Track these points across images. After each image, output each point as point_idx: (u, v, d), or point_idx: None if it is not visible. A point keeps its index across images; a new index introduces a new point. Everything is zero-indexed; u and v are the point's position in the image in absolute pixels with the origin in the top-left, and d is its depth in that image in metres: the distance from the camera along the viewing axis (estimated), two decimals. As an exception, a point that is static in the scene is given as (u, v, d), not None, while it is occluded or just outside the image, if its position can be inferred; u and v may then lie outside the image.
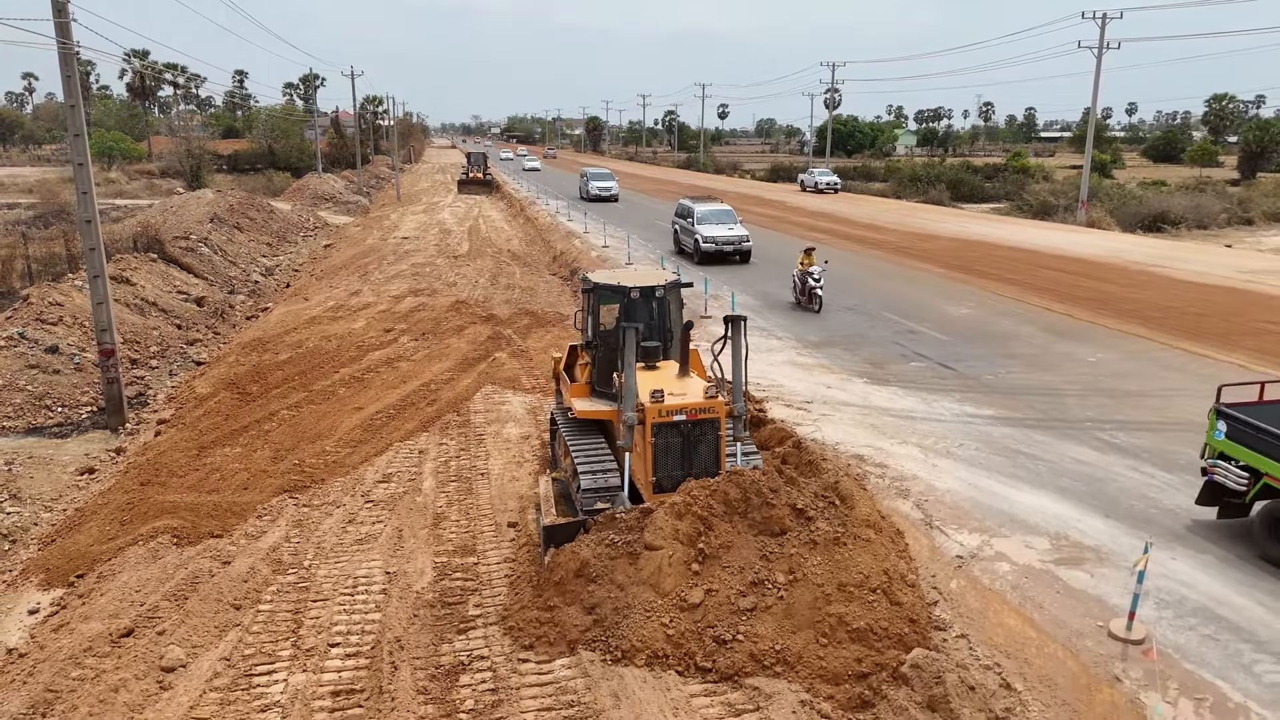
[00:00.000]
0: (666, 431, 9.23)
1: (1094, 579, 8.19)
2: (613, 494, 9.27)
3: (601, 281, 10.83)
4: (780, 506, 8.55)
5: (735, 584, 8.12)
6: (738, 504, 8.62)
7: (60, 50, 14.82)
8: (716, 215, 31.41)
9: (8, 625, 9.54)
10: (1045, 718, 6.58)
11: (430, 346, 19.22)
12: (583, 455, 9.82)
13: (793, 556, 8.24)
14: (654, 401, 9.11)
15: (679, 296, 11.12)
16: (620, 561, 8.40)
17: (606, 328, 10.76)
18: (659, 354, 10.57)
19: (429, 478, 12.42)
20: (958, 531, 9.31)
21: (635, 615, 8.05)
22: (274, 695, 7.68)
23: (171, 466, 12.98)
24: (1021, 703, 6.73)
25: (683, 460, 9.31)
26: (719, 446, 9.43)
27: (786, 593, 7.97)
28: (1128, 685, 6.71)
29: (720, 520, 8.56)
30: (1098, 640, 7.28)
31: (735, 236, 29.80)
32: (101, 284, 15.58)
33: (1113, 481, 10.62)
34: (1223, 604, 7.79)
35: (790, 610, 7.88)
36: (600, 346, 10.66)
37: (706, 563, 8.30)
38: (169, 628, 8.66)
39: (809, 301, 21.14)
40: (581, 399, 10.65)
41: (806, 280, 21.19)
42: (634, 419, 9.05)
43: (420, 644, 8.41)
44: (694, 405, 9.25)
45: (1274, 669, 6.90)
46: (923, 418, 13.09)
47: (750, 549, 8.38)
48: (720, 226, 30.11)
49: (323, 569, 9.86)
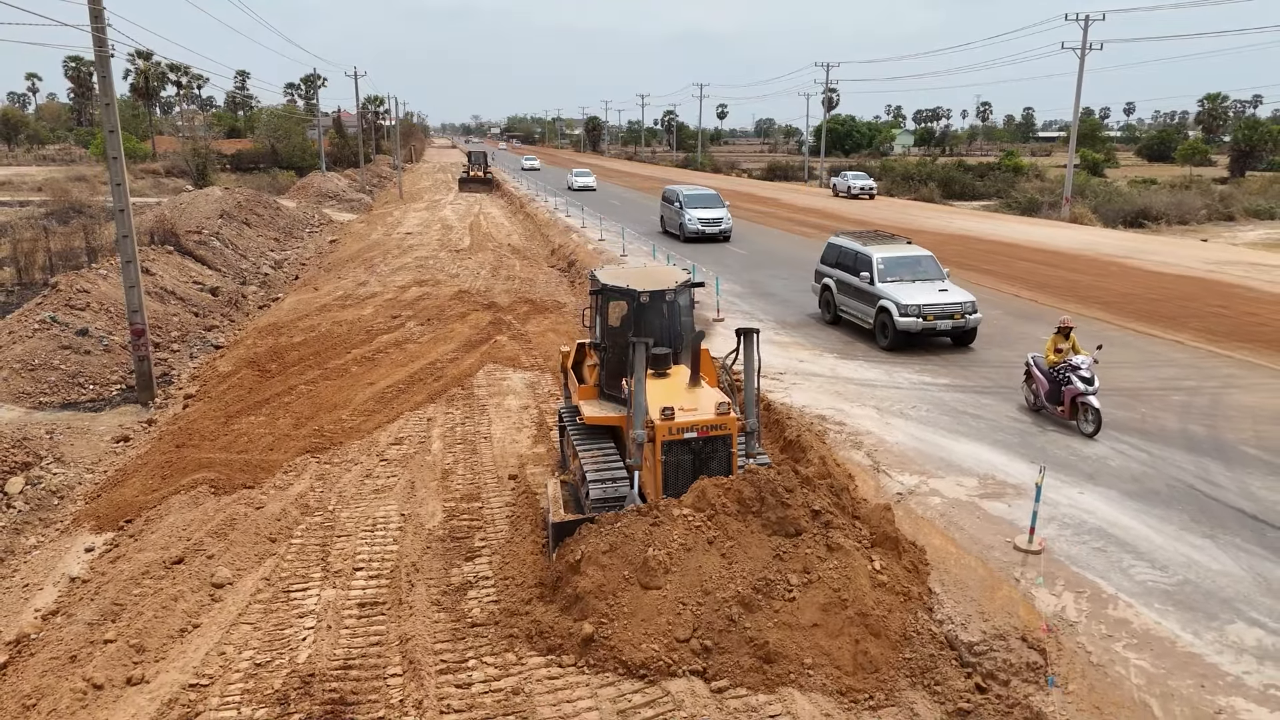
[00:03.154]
0: (677, 449, 8.91)
1: (1010, 508, 9.55)
2: (622, 503, 8.98)
3: (610, 284, 10.34)
4: (797, 507, 8.29)
5: (747, 583, 7.82)
6: (751, 502, 8.37)
7: (97, 54, 16.18)
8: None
9: (68, 561, 10.89)
10: (957, 610, 7.91)
11: (435, 331, 20.52)
12: (592, 461, 9.53)
13: (807, 557, 8.01)
14: (664, 419, 8.78)
15: (690, 298, 10.70)
16: (628, 558, 8.13)
17: (615, 327, 10.36)
18: (669, 361, 10.13)
19: (437, 440, 13.75)
20: (900, 474, 10.67)
21: (640, 617, 7.77)
22: (309, 605, 9.02)
23: (203, 432, 14.32)
24: (939, 601, 8.07)
25: (694, 478, 8.92)
26: (731, 464, 9.13)
27: (800, 594, 7.74)
28: (1023, 584, 8.07)
29: (733, 519, 8.34)
30: (1004, 552, 8.65)
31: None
32: (133, 269, 16.92)
33: (1043, 435, 12.00)
34: (1115, 526, 9.15)
35: (801, 611, 7.62)
36: (609, 348, 10.30)
37: (720, 559, 8.04)
38: (215, 554, 10.01)
39: (1069, 412, 12.32)
40: (590, 402, 10.37)
41: (1069, 378, 12.25)
42: (643, 436, 8.73)
43: (433, 568, 9.75)
44: (705, 422, 8.92)
45: (1146, 572, 8.25)
46: (883, 385, 14.46)
47: (764, 548, 8.11)
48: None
49: (345, 512, 11.21)
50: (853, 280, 18.18)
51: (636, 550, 8.13)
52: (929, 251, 18.55)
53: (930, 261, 18.03)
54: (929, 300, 16.48)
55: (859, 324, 18.08)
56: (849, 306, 18.47)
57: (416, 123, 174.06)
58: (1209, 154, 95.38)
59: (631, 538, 8.25)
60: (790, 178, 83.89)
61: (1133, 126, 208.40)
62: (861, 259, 18.04)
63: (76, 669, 8.03)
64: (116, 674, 7.87)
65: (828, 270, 19.55)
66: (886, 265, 17.63)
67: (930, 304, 16.41)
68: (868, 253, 18.00)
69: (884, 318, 16.87)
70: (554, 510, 9.32)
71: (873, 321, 17.36)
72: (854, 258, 18.39)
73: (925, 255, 18.27)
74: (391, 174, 77.97)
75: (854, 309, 18.23)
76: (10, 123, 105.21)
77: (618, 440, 9.88)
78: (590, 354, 11.14)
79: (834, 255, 19.42)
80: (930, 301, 16.45)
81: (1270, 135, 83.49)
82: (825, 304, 19.65)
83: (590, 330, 11.07)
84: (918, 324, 16.30)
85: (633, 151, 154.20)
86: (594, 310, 10.83)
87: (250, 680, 7.76)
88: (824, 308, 19.76)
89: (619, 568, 8.10)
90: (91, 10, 15.87)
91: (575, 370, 11.65)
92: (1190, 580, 8.10)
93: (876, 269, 17.49)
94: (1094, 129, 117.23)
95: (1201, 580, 8.10)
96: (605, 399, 10.35)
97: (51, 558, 11.07)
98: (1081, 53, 45.57)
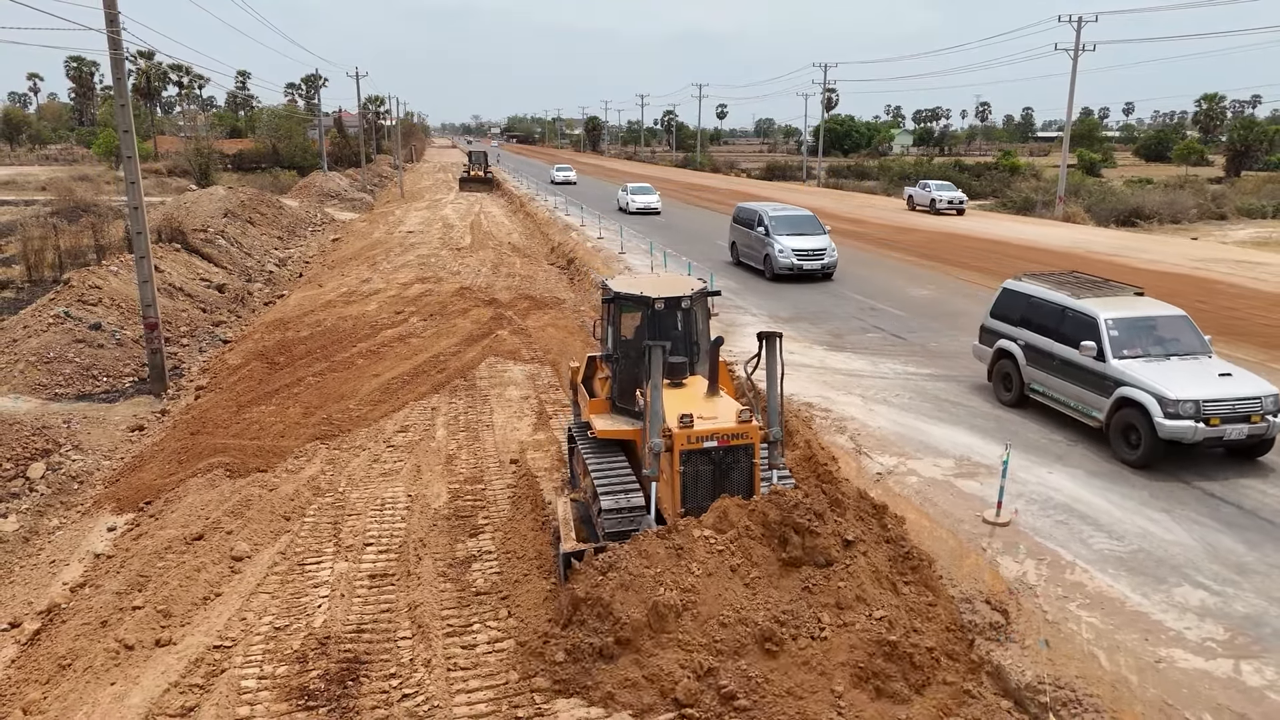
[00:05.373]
0: (696, 459, 8.48)
1: (982, 486, 10.15)
2: (636, 518, 8.60)
3: (623, 291, 9.97)
4: (827, 536, 7.72)
5: (771, 618, 7.21)
6: (777, 527, 7.82)
7: (112, 56, 16.77)
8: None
9: (91, 539, 11.50)
10: (927, 578, 8.50)
11: (438, 325, 21.10)
12: (604, 477, 9.15)
13: (840, 591, 7.42)
14: (683, 427, 8.36)
15: (706, 306, 10.42)
16: (642, 592, 7.46)
17: (628, 338, 10.10)
18: (686, 370, 9.75)
19: (441, 428, 14.35)
20: (880, 455, 11.28)
21: (661, 656, 7.17)
22: (323, 577, 9.63)
23: (216, 420, 14.92)
24: (911, 570, 8.65)
25: (714, 490, 8.55)
26: (753, 475, 8.68)
27: (832, 633, 7.08)
28: (989, 553, 8.67)
29: (758, 544, 7.76)
30: (973, 524, 9.26)
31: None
32: (147, 264, 17.52)
33: (1018, 421, 12.62)
34: (1079, 502, 9.77)
35: (832, 652, 6.97)
36: (621, 359, 9.98)
37: (743, 592, 7.49)
38: (234, 531, 10.61)
39: None
40: (601, 416, 10.00)
41: None
42: (660, 445, 8.31)
43: (439, 544, 10.36)
44: (726, 430, 8.49)
45: (1104, 542, 8.86)
46: (869, 375, 15.08)
47: (792, 580, 7.57)
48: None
49: (355, 493, 11.81)
50: (1059, 351, 12.36)
51: (648, 587, 7.44)
52: (1180, 310, 12.54)
53: (1186, 325, 12.17)
54: (1210, 393, 10.70)
55: (1069, 414, 12.38)
56: (1052, 389, 12.63)
57: (416, 123, 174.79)
58: (1205, 154, 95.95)
59: (642, 576, 7.54)
60: (789, 177, 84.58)
61: (1132, 126, 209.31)
62: (1077, 320, 12.15)
63: (109, 632, 8.63)
64: (146, 636, 8.47)
65: (1008, 330, 13.62)
66: (1122, 331, 11.73)
67: (1214, 399, 10.65)
68: (1088, 311, 12.08)
69: (1130, 416, 11.13)
70: (565, 536, 8.81)
71: (1104, 419, 11.54)
72: (1060, 316, 12.49)
73: (1178, 315, 12.30)
74: (392, 173, 78.60)
75: (1063, 394, 12.37)
76: (12, 122, 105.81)
77: (630, 457, 9.52)
78: (601, 367, 10.78)
79: (1018, 308, 13.56)
80: (1213, 396, 10.67)
81: (1266, 135, 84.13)
82: (1002, 379, 13.75)
83: (601, 343, 10.62)
84: (1194, 430, 10.49)
85: (632, 151, 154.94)
86: (605, 321, 10.34)
87: (270, 642, 8.36)
88: (999, 384, 13.85)
89: (631, 606, 7.39)
90: (107, 15, 16.46)
91: (586, 385, 11.24)
92: (1144, 549, 8.71)
93: (1107, 336, 11.61)
94: (1092, 129, 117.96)
95: (1154, 549, 8.71)
96: (617, 412, 9.95)
97: (75, 537, 11.67)
98: (1074, 54, 46.19)
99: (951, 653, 7.29)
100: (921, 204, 46.43)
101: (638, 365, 9.42)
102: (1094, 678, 6.82)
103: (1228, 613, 7.59)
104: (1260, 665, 6.83)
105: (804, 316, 20.27)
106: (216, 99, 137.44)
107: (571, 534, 8.85)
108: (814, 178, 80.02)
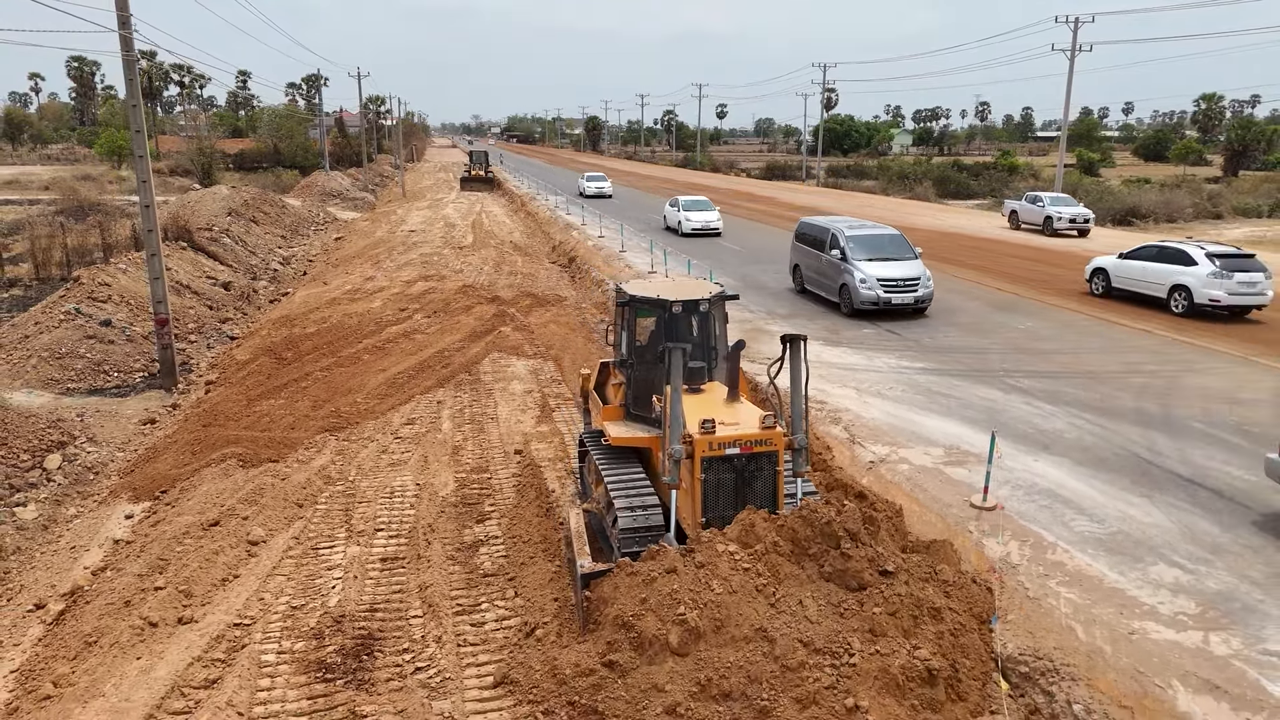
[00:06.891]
0: (718, 466, 8.15)
1: (970, 473, 10.53)
2: (655, 535, 8.28)
3: (639, 294, 9.73)
4: (859, 560, 7.33)
5: (801, 645, 6.80)
6: (807, 543, 7.46)
7: (124, 58, 17.16)
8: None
9: (110, 526, 11.89)
10: (915, 559, 8.88)
11: (442, 322, 21.49)
12: (620, 489, 8.77)
13: (875, 618, 7.00)
14: (704, 432, 8.03)
15: (724, 310, 10.19)
16: (666, 616, 7.06)
17: (644, 344, 9.86)
18: (704, 375, 9.55)
19: (447, 421, 14.74)
20: (873, 445, 11.67)
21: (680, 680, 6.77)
22: (336, 560, 10.02)
23: (227, 413, 15.30)
24: (900, 551, 9.04)
25: (736, 499, 8.23)
26: (777, 483, 8.35)
27: (862, 660, 6.69)
28: (975, 535, 9.06)
29: (787, 562, 7.38)
30: (961, 509, 9.65)
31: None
32: (157, 261, 17.91)
33: (1008, 412, 13.00)
34: (1063, 488, 10.15)
35: (865, 679, 6.59)
36: (636, 365, 9.73)
37: (771, 615, 7.06)
38: (249, 517, 11.00)
39: None
40: (615, 423, 9.69)
41: None
42: (680, 452, 7.94)
43: (447, 529, 10.75)
44: (749, 436, 8.15)
45: (1084, 525, 9.25)
46: (863, 369, 15.46)
47: (823, 602, 7.16)
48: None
49: (365, 482, 12.20)
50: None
51: (669, 613, 7.06)
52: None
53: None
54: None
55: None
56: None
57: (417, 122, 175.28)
58: (1204, 154, 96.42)
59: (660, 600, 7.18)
60: (788, 177, 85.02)
61: (1131, 126, 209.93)
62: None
63: (132, 611, 9.01)
64: (169, 614, 8.85)
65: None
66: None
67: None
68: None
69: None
70: (579, 550, 8.44)
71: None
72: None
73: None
74: (393, 173, 78.96)
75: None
76: (14, 122, 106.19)
77: (646, 466, 9.24)
78: (614, 373, 10.51)
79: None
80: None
81: (1264, 135, 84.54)
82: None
83: (615, 348, 10.35)
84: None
85: (632, 151, 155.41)
86: (619, 325, 10.07)
87: (288, 620, 8.75)
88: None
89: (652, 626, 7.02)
90: (119, 17, 16.84)
91: (598, 392, 11.05)
92: (1123, 531, 9.10)
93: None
94: (1091, 129, 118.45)
95: (1133, 531, 9.10)
96: (632, 420, 9.67)
97: (94, 524, 12.06)
98: (1071, 54, 46.61)
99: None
100: (1030, 222, 37.19)
101: (654, 370, 9.31)
102: (1070, 648, 7.20)
103: (1200, 589, 7.97)
104: (1228, 636, 7.20)
105: (800, 313, 20.65)
106: (217, 99, 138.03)
107: (585, 548, 8.50)
108: (813, 177, 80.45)
